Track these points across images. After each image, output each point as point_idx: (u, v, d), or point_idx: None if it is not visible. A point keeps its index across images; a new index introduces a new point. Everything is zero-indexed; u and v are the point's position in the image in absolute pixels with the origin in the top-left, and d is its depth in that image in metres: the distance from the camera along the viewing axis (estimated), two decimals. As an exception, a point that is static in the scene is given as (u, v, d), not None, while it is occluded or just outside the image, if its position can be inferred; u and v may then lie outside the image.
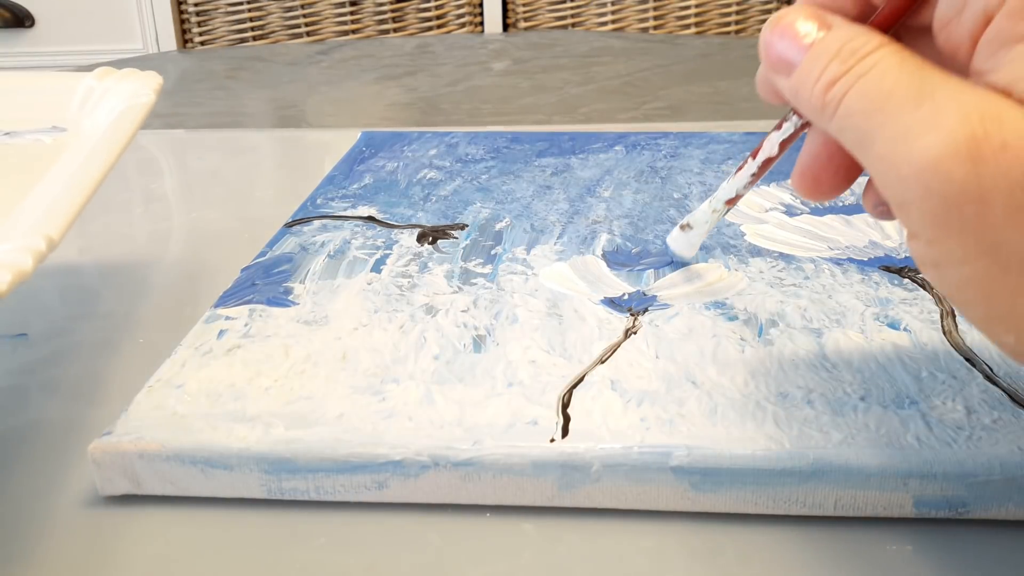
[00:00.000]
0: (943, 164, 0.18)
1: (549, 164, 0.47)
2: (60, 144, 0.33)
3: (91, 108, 0.35)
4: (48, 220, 0.24)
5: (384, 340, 0.30)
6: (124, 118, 0.32)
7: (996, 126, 0.18)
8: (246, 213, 0.47)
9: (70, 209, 0.26)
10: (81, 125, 0.34)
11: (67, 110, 0.35)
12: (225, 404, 0.27)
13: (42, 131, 0.34)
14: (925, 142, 0.18)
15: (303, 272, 0.35)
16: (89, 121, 0.34)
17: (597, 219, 0.40)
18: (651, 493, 0.24)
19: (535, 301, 0.32)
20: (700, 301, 0.32)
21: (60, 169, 0.30)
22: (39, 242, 0.23)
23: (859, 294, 0.32)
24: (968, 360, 0.28)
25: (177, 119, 0.68)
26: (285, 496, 0.25)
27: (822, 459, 0.24)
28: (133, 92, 0.34)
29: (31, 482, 0.27)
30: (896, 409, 0.25)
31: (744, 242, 0.37)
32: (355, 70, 0.83)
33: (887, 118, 0.19)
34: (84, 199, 0.26)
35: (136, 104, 0.33)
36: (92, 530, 0.25)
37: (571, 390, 0.27)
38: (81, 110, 0.35)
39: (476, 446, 0.25)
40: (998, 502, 0.23)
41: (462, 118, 0.66)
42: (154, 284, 0.39)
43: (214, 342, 0.30)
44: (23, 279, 0.22)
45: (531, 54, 0.87)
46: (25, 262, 0.22)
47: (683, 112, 0.66)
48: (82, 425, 0.28)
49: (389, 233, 0.39)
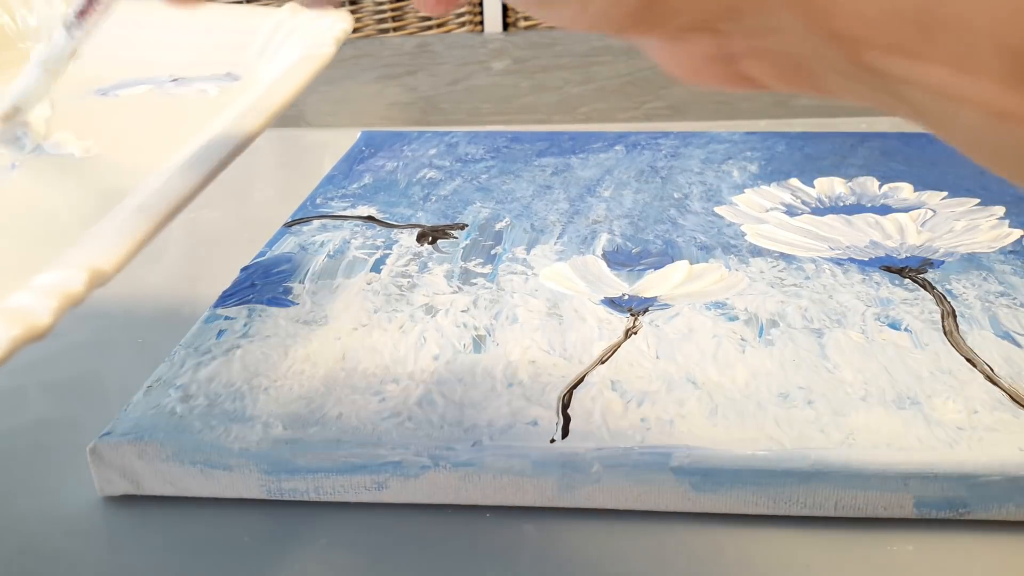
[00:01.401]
0: None
1: (549, 164, 0.47)
2: (226, 96, 0.27)
3: (271, 53, 0.28)
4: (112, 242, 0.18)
5: (384, 340, 0.30)
6: (291, 74, 0.24)
7: None
8: (246, 213, 0.47)
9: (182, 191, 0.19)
10: (257, 73, 0.28)
11: (246, 52, 0.29)
12: (224, 404, 0.27)
13: (214, 78, 0.29)
14: None
15: (303, 272, 0.35)
16: (267, 69, 0.27)
17: (597, 219, 0.40)
18: (651, 493, 0.24)
19: (535, 301, 0.32)
20: (700, 301, 0.32)
21: (206, 133, 0.22)
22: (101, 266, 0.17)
23: (860, 294, 0.32)
24: (969, 360, 0.28)
25: (177, 119, 0.68)
26: (285, 496, 0.25)
27: (822, 459, 0.24)
28: (316, 39, 0.26)
29: (31, 482, 0.27)
30: (897, 409, 0.25)
31: (745, 242, 0.37)
32: (355, 70, 0.83)
33: None
34: (187, 195, 0.19)
35: (312, 55, 0.25)
36: (92, 530, 0.25)
37: (571, 390, 0.27)
38: (261, 55, 0.28)
39: (476, 446, 0.25)
40: (999, 502, 0.23)
41: (462, 118, 0.66)
42: (154, 284, 0.39)
43: (213, 342, 0.30)
44: (103, 281, 0.18)
45: (531, 54, 0.87)
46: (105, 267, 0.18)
47: (683, 112, 0.66)
48: (82, 425, 0.28)
49: (389, 233, 0.39)
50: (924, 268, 0.34)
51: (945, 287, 0.32)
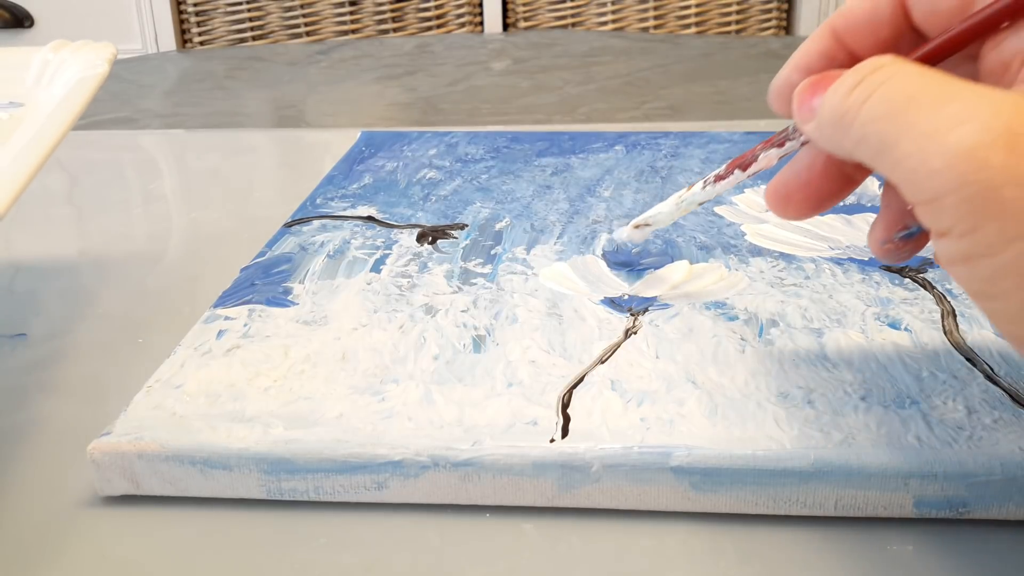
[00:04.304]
0: (979, 152, 0.18)
1: (549, 164, 0.47)
2: (15, 119, 0.33)
3: (47, 81, 0.35)
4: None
5: (384, 340, 0.30)
6: (76, 91, 0.32)
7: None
8: (246, 213, 0.47)
9: (13, 187, 0.26)
10: (38, 98, 0.35)
11: (23, 84, 0.35)
12: (224, 404, 0.27)
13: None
14: (959, 133, 0.18)
15: (302, 272, 0.35)
16: (45, 94, 0.34)
17: (597, 219, 0.40)
18: (651, 493, 0.24)
19: (535, 301, 0.32)
20: (700, 301, 0.32)
21: (11, 144, 0.30)
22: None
23: (860, 294, 0.32)
24: (969, 360, 0.28)
25: (177, 119, 0.68)
26: (284, 496, 0.25)
27: (822, 459, 0.24)
28: (88, 63, 0.34)
29: (30, 482, 0.27)
30: (897, 409, 0.25)
31: (744, 242, 0.37)
32: (355, 70, 0.83)
33: (913, 118, 0.19)
34: (29, 176, 0.27)
35: (90, 75, 0.33)
36: (91, 530, 0.25)
37: (571, 390, 0.27)
38: (37, 84, 0.35)
39: (476, 446, 0.25)
40: (999, 502, 0.23)
41: (462, 118, 0.66)
42: (153, 284, 0.39)
43: (213, 342, 0.30)
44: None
45: (531, 54, 0.87)
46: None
47: (683, 112, 0.66)
48: (81, 425, 0.28)
49: (389, 233, 0.39)
50: (924, 268, 0.34)
51: (945, 287, 0.32)
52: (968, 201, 0.18)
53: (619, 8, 1.66)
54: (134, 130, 0.69)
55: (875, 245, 0.25)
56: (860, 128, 0.20)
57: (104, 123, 0.71)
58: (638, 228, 0.33)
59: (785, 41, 1.22)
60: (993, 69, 0.22)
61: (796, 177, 0.26)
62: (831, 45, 0.24)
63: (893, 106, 0.20)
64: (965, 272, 0.19)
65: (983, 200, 0.18)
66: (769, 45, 1.03)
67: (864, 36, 0.24)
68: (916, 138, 0.19)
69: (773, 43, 1.08)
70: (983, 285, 0.19)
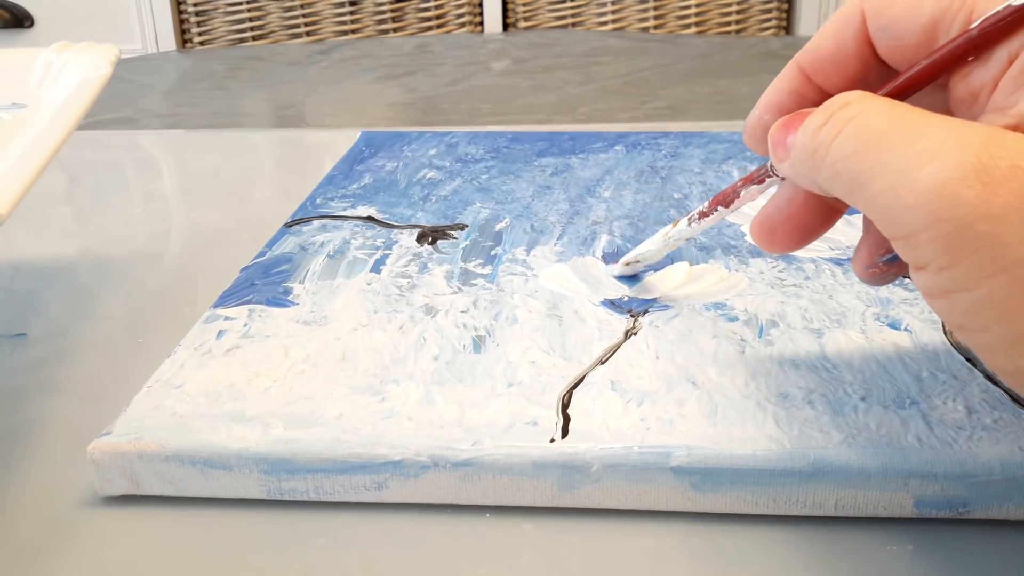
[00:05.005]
0: (951, 187, 0.18)
1: (549, 164, 0.47)
2: (18, 120, 0.34)
3: (50, 83, 0.35)
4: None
5: (384, 340, 0.30)
6: (79, 92, 0.32)
7: (1002, 151, 0.18)
8: (245, 213, 0.47)
9: (16, 188, 0.26)
10: (40, 100, 0.35)
11: (26, 86, 0.36)
12: (224, 404, 0.27)
13: (1, 108, 0.35)
14: (930, 170, 0.18)
15: (303, 272, 0.35)
16: (48, 95, 0.35)
17: (597, 219, 0.40)
18: (651, 493, 0.24)
19: (535, 302, 0.32)
20: (700, 302, 0.32)
21: (15, 146, 0.30)
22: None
23: (860, 294, 0.32)
24: (969, 360, 0.28)
25: (177, 119, 0.68)
26: (284, 496, 0.25)
27: (822, 459, 0.24)
28: (91, 65, 0.34)
29: (30, 482, 0.27)
30: (897, 409, 0.25)
31: (744, 243, 0.37)
32: (355, 70, 0.83)
33: (884, 155, 0.19)
34: (32, 177, 0.27)
35: (93, 77, 0.33)
36: (91, 530, 0.25)
37: (571, 390, 0.27)
38: (40, 85, 0.35)
39: (476, 446, 0.25)
40: (999, 502, 0.23)
41: (462, 118, 0.66)
42: (153, 284, 0.39)
43: (213, 342, 0.30)
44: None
45: (531, 54, 0.87)
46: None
47: (683, 112, 0.66)
48: (81, 425, 0.28)
49: (389, 233, 0.39)
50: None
51: (945, 287, 0.32)
52: (943, 237, 0.18)
53: (619, 8, 1.66)
54: (134, 130, 0.69)
55: (859, 269, 0.25)
56: (831, 165, 0.20)
57: (104, 123, 0.71)
58: (628, 265, 0.34)
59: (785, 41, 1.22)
60: (963, 99, 0.22)
61: (779, 212, 0.26)
62: (800, 83, 0.24)
63: (864, 143, 0.20)
64: (946, 305, 0.19)
65: (958, 236, 0.18)
66: (769, 45, 1.03)
67: (831, 73, 0.24)
68: (888, 175, 0.19)
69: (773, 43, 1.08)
70: (963, 319, 0.19)
